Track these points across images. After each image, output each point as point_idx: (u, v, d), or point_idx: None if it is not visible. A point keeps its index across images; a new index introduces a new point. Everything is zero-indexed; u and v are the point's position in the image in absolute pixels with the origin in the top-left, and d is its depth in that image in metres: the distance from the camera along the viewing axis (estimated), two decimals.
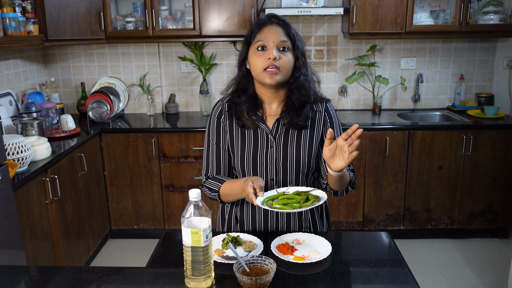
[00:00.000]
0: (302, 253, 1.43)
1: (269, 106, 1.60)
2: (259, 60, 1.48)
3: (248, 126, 1.57)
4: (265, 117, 1.59)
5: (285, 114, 1.57)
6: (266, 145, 1.57)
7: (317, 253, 1.43)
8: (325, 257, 1.39)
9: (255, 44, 1.50)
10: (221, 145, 1.62)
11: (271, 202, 1.24)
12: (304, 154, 1.58)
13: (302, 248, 1.47)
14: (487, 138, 3.33)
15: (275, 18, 1.52)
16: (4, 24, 2.63)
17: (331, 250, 1.43)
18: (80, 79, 3.87)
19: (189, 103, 3.95)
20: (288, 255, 1.40)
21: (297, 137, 1.58)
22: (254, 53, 1.50)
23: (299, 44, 1.53)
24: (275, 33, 1.49)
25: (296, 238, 1.52)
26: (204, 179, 1.65)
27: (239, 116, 1.57)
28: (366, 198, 3.45)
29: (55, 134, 3.10)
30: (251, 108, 1.56)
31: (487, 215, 3.49)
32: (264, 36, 1.49)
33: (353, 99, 3.92)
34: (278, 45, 1.48)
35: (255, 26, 1.52)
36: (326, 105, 1.63)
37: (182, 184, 3.46)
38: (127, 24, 3.53)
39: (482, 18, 3.47)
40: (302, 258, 1.39)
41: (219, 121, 1.62)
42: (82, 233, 3.07)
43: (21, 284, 1.32)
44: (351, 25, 3.39)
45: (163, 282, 1.29)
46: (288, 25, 1.52)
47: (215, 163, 1.63)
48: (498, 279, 2.99)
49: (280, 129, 1.58)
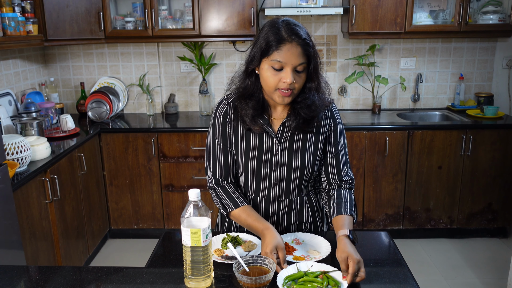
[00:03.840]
0: (301, 253, 1.43)
1: (275, 110, 1.57)
2: (273, 79, 1.42)
3: (255, 130, 1.54)
4: (271, 120, 1.56)
5: (291, 118, 1.53)
6: (271, 149, 1.55)
7: (317, 252, 1.43)
8: (324, 257, 1.39)
9: (271, 62, 1.41)
10: (228, 144, 1.58)
11: (291, 283, 1.23)
12: (309, 159, 1.56)
13: (301, 248, 1.47)
14: (486, 138, 3.33)
15: (296, 36, 1.39)
16: (4, 24, 2.63)
17: (331, 250, 1.43)
18: (80, 79, 3.87)
19: (188, 103, 3.95)
20: (288, 255, 1.40)
21: (302, 141, 1.56)
22: (269, 69, 1.42)
23: (315, 62, 1.45)
24: (294, 55, 1.39)
25: (296, 238, 1.52)
26: (213, 181, 1.60)
27: (245, 121, 1.53)
28: (365, 198, 3.45)
29: (55, 134, 3.10)
30: (258, 113, 1.52)
31: (487, 215, 3.49)
32: (282, 57, 1.39)
33: (352, 99, 3.92)
34: (296, 67, 1.41)
35: (273, 40, 1.40)
36: (332, 109, 1.59)
37: (181, 184, 3.46)
38: (127, 24, 3.53)
39: (481, 18, 3.47)
40: (302, 258, 1.39)
41: (224, 121, 1.57)
42: (82, 233, 3.07)
43: (21, 284, 1.32)
44: (351, 25, 3.39)
45: (163, 282, 1.29)
46: (308, 44, 1.41)
47: (223, 165, 1.59)
48: (497, 279, 2.99)
49: (286, 133, 1.55)
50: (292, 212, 1.64)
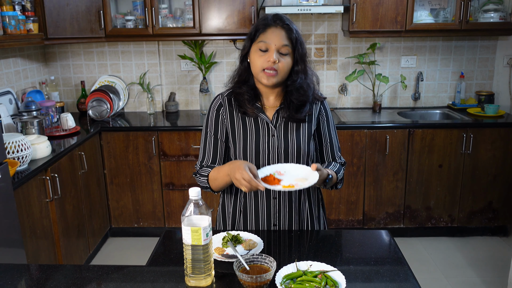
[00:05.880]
0: (289, 182, 1.45)
1: (267, 99, 1.66)
2: (259, 60, 1.55)
3: (249, 114, 1.62)
4: (264, 108, 1.65)
5: (284, 107, 1.63)
6: (267, 133, 1.62)
7: (304, 179, 1.45)
8: (313, 183, 1.41)
9: (258, 43, 1.55)
10: (219, 135, 1.67)
11: (290, 282, 1.23)
12: (304, 143, 1.63)
13: (286, 178, 1.48)
14: (487, 137, 3.33)
15: (280, 21, 1.55)
16: (4, 22, 2.63)
17: (318, 177, 1.43)
18: (80, 78, 3.87)
19: (189, 102, 3.95)
20: (276, 185, 1.42)
21: (296, 129, 1.64)
22: (256, 52, 1.56)
23: (300, 48, 1.57)
24: (277, 36, 1.53)
25: (277, 170, 1.52)
26: (198, 168, 1.69)
27: (241, 104, 1.62)
28: (366, 196, 3.45)
29: (55, 133, 3.10)
30: (252, 98, 1.63)
31: (487, 213, 3.49)
32: (267, 38, 1.54)
33: (353, 98, 3.92)
34: (279, 48, 1.53)
35: (260, 25, 1.56)
36: (323, 101, 1.71)
37: (182, 183, 3.46)
38: (127, 22, 3.52)
39: (482, 16, 3.47)
40: (292, 186, 1.41)
41: (218, 113, 1.67)
42: (82, 232, 3.07)
43: (22, 283, 1.32)
44: (351, 23, 3.39)
45: (163, 280, 1.29)
46: (291, 29, 1.55)
47: (212, 152, 1.68)
48: (498, 277, 2.99)
49: (280, 120, 1.63)
50: (292, 197, 1.66)
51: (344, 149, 3.30)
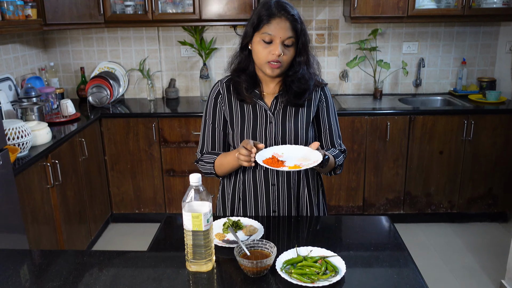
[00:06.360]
0: (294, 162, 1.44)
1: (267, 85, 1.66)
2: (263, 51, 1.53)
3: (247, 102, 1.62)
4: (263, 95, 1.65)
5: (283, 93, 1.62)
6: (265, 120, 1.62)
7: (308, 159, 1.44)
8: (319, 161, 1.39)
9: (262, 35, 1.52)
10: (217, 124, 1.68)
11: (290, 267, 1.22)
12: (302, 129, 1.63)
13: (288, 159, 1.47)
14: (488, 123, 3.32)
15: (285, 11, 1.51)
16: (2, 8, 2.60)
17: (321, 156, 1.42)
18: (80, 64, 3.85)
19: (189, 88, 3.93)
20: (282, 167, 1.40)
21: (295, 114, 1.63)
22: (260, 43, 1.53)
23: (303, 38, 1.55)
24: (283, 29, 1.50)
25: (275, 152, 1.50)
26: (199, 156, 1.71)
27: (239, 92, 1.62)
28: (366, 182, 3.46)
29: (55, 119, 3.09)
30: (250, 86, 1.62)
31: (487, 200, 3.50)
32: (272, 30, 1.50)
33: (354, 84, 3.90)
34: (284, 40, 1.51)
35: (264, 14, 1.51)
36: (324, 87, 1.70)
37: (182, 169, 3.47)
38: (126, 8, 3.49)
39: (485, 2, 3.43)
40: (298, 167, 1.40)
41: (216, 101, 1.67)
42: (84, 218, 3.08)
43: (24, 268, 1.33)
44: (353, 9, 3.35)
45: (164, 265, 1.30)
46: (296, 20, 1.52)
47: (210, 141, 1.69)
48: (497, 263, 3.01)
49: (278, 106, 1.63)
50: (291, 183, 1.66)
51: (345, 136, 3.30)
